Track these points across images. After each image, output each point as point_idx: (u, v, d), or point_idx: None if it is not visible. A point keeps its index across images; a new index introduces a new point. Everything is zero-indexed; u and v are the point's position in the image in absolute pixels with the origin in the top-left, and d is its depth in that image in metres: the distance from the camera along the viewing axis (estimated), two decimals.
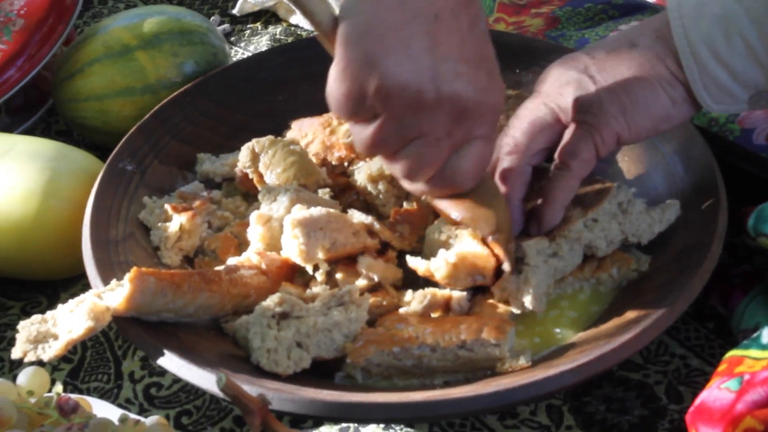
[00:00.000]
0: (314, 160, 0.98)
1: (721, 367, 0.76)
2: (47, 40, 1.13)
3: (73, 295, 0.84)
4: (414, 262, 0.85)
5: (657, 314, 0.78)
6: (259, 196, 0.94)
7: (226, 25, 1.36)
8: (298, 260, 0.86)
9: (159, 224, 0.93)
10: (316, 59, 1.11)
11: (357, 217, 0.89)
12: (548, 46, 1.07)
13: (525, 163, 0.86)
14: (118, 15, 1.18)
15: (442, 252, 0.84)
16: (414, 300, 0.84)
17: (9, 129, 1.17)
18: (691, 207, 0.88)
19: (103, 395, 0.89)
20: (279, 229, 0.89)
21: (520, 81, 1.03)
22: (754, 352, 0.76)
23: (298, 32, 1.33)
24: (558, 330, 0.85)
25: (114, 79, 1.11)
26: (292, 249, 0.85)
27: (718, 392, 0.73)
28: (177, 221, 0.92)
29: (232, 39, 1.35)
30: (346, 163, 0.98)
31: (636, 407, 0.84)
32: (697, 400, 0.74)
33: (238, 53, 1.32)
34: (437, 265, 0.84)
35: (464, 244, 0.84)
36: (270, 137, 0.97)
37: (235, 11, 1.37)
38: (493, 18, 1.20)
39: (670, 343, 0.88)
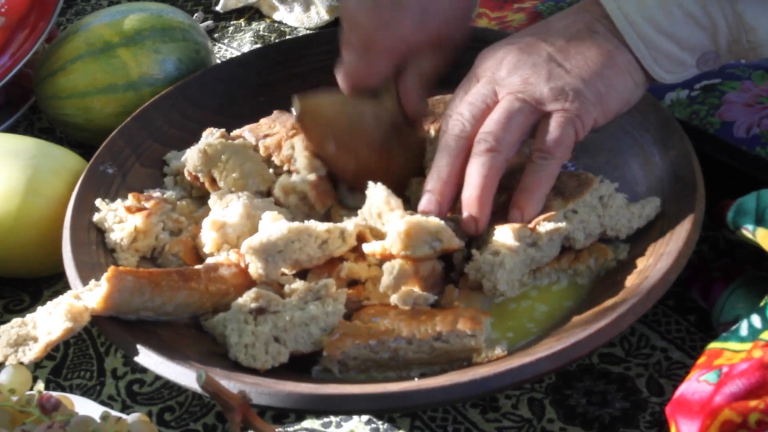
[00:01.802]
0: (262, 153, 0.98)
1: (701, 360, 0.76)
2: (29, 38, 1.14)
3: (56, 293, 0.85)
4: (369, 247, 0.85)
5: (632, 300, 0.78)
6: (210, 202, 0.94)
7: (210, 22, 1.36)
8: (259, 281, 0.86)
9: (114, 226, 0.93)
10: (297, 61, 1.12)
11: (320, 226, 0.87)
12: None
13: (505, 159, 0.86)
14: (100, 12, 1.17)
15: (391, 226, 0.84)
16: (384, 274, 0.84)
17: None
18: (668, 195, 0.89)
19: (85, 392, 0.89)
20: (233, 236, 0.89)
21: None
22: (733, 345, 0.76)
23: (282, 28, 1.34)
24: (531, 325, 0.85)
25: (96, 77, 1.11)
26: (252, 271, 0.85)
27: (697, 384, 0.73)
28: (132, 222, 0.91)
29: (216, 35, 1.35)
30: (285, 166, 0.98)
31: (617, 400, 0.84)
32: (677, 393, 0.74)
33: (222, 50, 1.32)
34: (391, 241, 0.83)
35: (396, 212, 0.85)
36: (221, 141, 0.97)
37: (218, 8, 1.37)
38: (475, 13, 1.20)
39: (652, 336, 0.88)
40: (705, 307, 0.88)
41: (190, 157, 0.97)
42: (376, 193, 0.88)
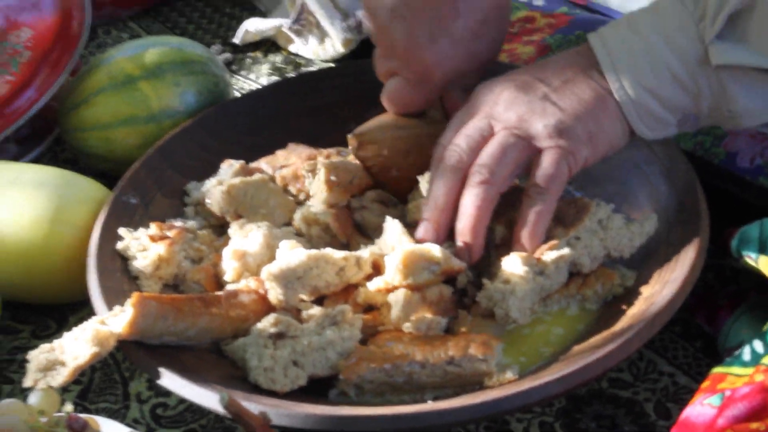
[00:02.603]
0: (279, 183, 1.02)
1: (705, 384, 0.79)
2: (53, 71, 1.16)
3: (81, 319, 0.87)
4: (373, 284, 0.88)
5: (638, 326, 0.81)
6: (230, 232, 0.97)
7: (228, 54, 1.40)
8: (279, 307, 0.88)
9: (137, 254, 0.96)
10: (313, 94, 1.16)
11: (337, 254, 0.90)
12: None
13: (498, 191, 0.89)
14: (122, 45, 1.21)
15: (387, 260, 0.87)
16: (392, 306, 0.87)
17: (17, 158, 1.21)
18: (674, 224, 0.91)
19: (111, 415, 0.92)
20: (253, 264, 0.92)
21: None
22: (736, 369, 0.79)
23: (297, 60, 1.37)
24: (545, 349, 0.87)
25: (118, 109, 1.14)
26: (272, 297, 0.88)
27: (701, 408, 0.75)
28: (155, 250, 0.94)
29: (234, 67, 1.38)
30: (301, 196, 1.01)
31: (626, 424, 0.86)
32: (682, 416, 0.76)
33: (240, 81, 1.36)
34: (390, 274, 0.87)
35: (402, 247, 0.88)
36: (242, 179, 1.00)
37: (236, 41, 1.41)
38: None
39: (659, 361, 0.91)
40: (711, 334, 0.91)
41: (213, 197, 1.00)
42: (391, 227, 0.91)
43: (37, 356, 0.82)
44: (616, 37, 0.90)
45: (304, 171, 1.02)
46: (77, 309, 1.02)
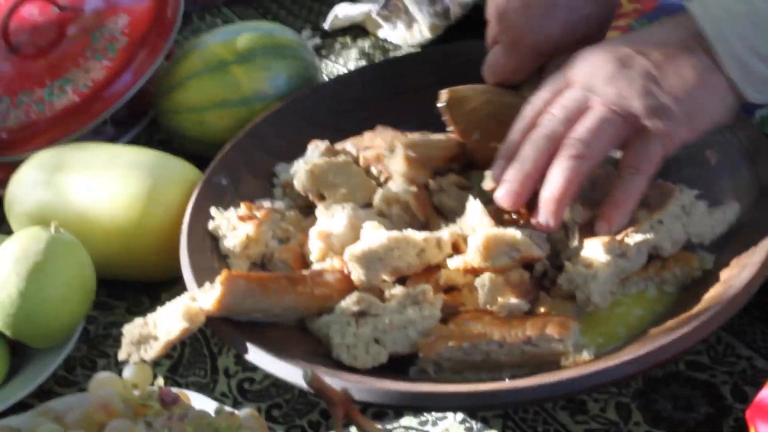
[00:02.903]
0: (362, 164, 1.04)
1: None
2: (149, 56, 1.20)
3: (172, 296, 0.91)
4: (453, 263, 0.90)
5: (715, 309, 0.81)
6: (317, 213, 1.00)
7: (318, 39, 1.43)
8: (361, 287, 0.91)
9: (227, 233, 0.99)
10: (399, 79, 1.18)
11: (418, 235, 0.92)
12: None
13: (590, 168, 0.89)
14: (215, 31, 1.25)
15: (470, 240, 0.89)
16: (478, 290, 0.88)
17: (114, 139, 1.25)
18: (754, 208, 0.92)
19: (200, 389, 0.96)
20: (338, 245, 0.95)
21: None
22: None
23: (385, 46, 1.39)
24: (622, 330, 0.88)
25: (211, 92, 1.18)
26: (354, 278, 0.91)
27: None
28: (244, 230, 0.97)
29: (323, 52, 1.41)
30: (382, 177, 1.03)
31: (702, 405, 0.87)
32: (757, 398, 0.77)
33: (329, 66, 1.38)
34: (471, 254, 0.89)
35: (484, 229, 0.90)
36: (326, 160, 1.03)
37: (326, 26, 1.44)
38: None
39: (737, 345, 0.92)
40: None
41: (298, 177, 1.03)
42: (472, 208, 0.93)
43: (131, 330, 0.86)
44: (716, 3, 0.87)
45: (385, 151, 1.04)
46: (170, 286, 1.06)
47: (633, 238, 0.89)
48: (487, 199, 0.98)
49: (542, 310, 0.89)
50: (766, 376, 0.88)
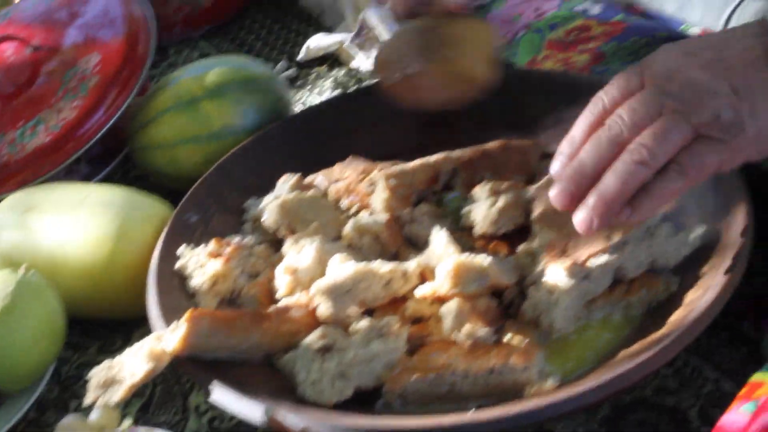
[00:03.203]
0: (332, 196, 1.05)
1: (743, 391, 0.79)
2: (121, 94, 1.21)
3: (145, 334, 0.91)
4: (421, 290, 0.91)
5: (678, 332, 0.82)
6: (284, 248, 1.00)
7: (293, 70, 1.43)
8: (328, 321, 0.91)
9: (195, 271, 0.99)
10: (371, 108, 1.18)
11: (384, 267, 0.92)
12: (592, 81, 1.11)
13: (650, 175, 0.83)
14: (188, 66, 1.26)
15: (438, 268, 0.90)
16: (444, 317, 0.89)
17: (88, 177, 1.26)
18: (719, 229, 0.92)
19: (171, 428, 0.96)
20: (305, 279, 0.95)
21: (562, 117, 1.07)
22: None
23: (359, 75, 1.40)
24: (591, 354, 0.88)
25: (183, 128, 1.18)
26: (321, 312, 0.91)
27: (735, 415, 0.76)
28: (212, 267, 0.98)
29: (299, 83, 1.42)
30: (352, 209, 1.04)
31: (669, 430, 0.87)
32: (718, 423, 0.77)
33: (304, 96, 1.39)
34: (440, 281, 0.89)
35: (452, 256, 0.91)
36: (296, 194, 1.04)
37: (299, 58, 1.44)
38: (542, 55, 1.25)
39: (704, 367, 0.92)
40: (757, 340, 0.91)
41: (268, 212, 1.03)
42: (438, 238, 0.93)
43: (97, 374, 0.86)
44: None
45: (365, 186, 1.04)
46: (142, 325, 1.05)
47: (596, 260, 0.89)
48: (460, 225, 0.99)
49: (508, 337, 0.89)
50: (733, 399, 0.88)
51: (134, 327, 1.07)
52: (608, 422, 0.89)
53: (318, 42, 1.43)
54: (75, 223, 1.04)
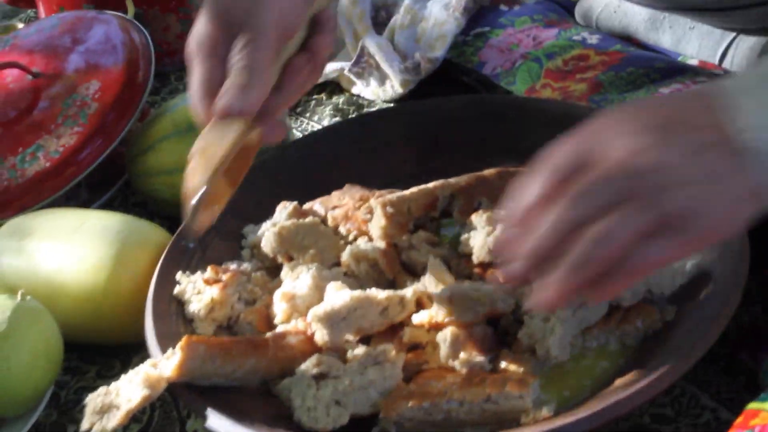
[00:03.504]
0: (330, 223, 1.05)
1: (739, 420, 0.79)
2: (120, 121, 1.22)
3: (144, 359, 0.91)
4: (417, 318, 0.91)
5: (672, 362, 0.82)
6: (282, 275, 1.00)
7: None
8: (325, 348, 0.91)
9: (192, 297, 0.99)
10: (369, 135, 1.19)
11: (381, 294, 0.92)
12: (589, 111, 1.12)
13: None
14: (186, 94, 1.25)
15: (435, 296, 0.90)
16: (440, 345, 0.89)
17: (88, 203, 1.26)
18: (715, 258, 0.92)
19: None
20: (302, 306, 0.95)
21: None
22: None
23: (360, 101, 1.40)
24: (588, 382, 0.89)
25: (182, 155, 1.16)
26: (318, 339, 0.91)
27: None
28: (209, 293, 0.98)
29: (299, 109, 1.42)
30: (351, 236, 1.04)
31: None
32: None
33: (304, 123, 1.39)
34: (436, 308, 0.90)
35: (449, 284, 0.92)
36: (293, 221, 1.04)
37: None
38: (540, 84, 1.25)
39: (702, 396, 0.92)
40: (753, 369, 0.91)
41: (266, 239, 1.03)
42: (434, 266, 0.94)
43: (94, 399, 0.86)
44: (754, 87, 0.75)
45: (362, 213, 1.05)
46: (141, 350, 1.05)
47: None
48: (458, 252, 0.99)
49: (504, 365, 0.89)
50: (729, 428, 0.88)
51: (133, 352, 1.07)
52: None
53: None
54: (73, 249, 1.04)
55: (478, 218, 1.00)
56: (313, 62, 0.97)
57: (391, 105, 1.37)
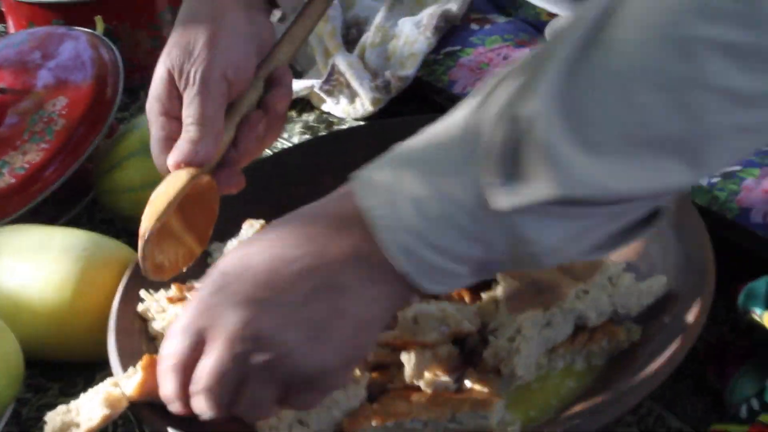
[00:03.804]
0: None
1: None
2: (87, 137, 1.21)
3: (107, 376, 0.90)
4: (382, 336, 0.89)
5: (639, 380, 0.81)
6: None
7: None
8: None
9: (156, 315, 0.98)
10: (339, 153, 1.18)
11: None
12: None
13: None
14: None
15: (400, 315, 0.89)
16: (405, 364, 0.88)
17: (54, 219, 1.25)
18: (682, 278, 0.92)
19: None
20: None
21: None
22: (733, 427, 0.79)
23: (330, 119, 1.40)
24: (554, 402, 0.88)
25: (149, 172, 1.16)
26: None
27: None
28: (173, 311, 0.97)
29: None
30: None
31: None
32: None
33: None
34: (401, 329, 0.89)
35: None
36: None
37: None
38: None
39: (668, 417, 0.91)
40: (720, 389, 0.91)
41: None
42: None
43: (53, 418, 0.85)
44: (381, 192, 0.75)
45: None
46: (105, 367, 1.04)
47: (558, 307, 0.89)
48: None
49: (469, 385, 0.88)
50: None
51: (97, 369, 1.05)
52: None
53: None
54: (37, 266, 1.03)
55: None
56: (269, 117, 0.99)
57: (362, 123, 1.36)
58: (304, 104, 1.44)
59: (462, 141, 0.72)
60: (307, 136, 1.38)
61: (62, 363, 1.07)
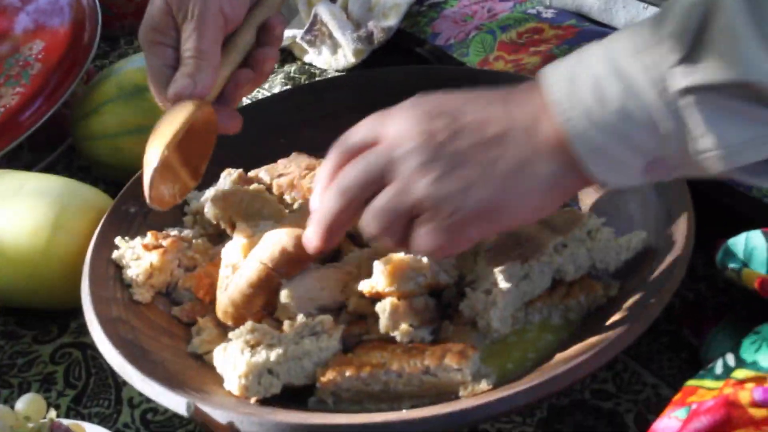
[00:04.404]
0: (275, 191, 1.03)
1: (677, 397, 0.79)
2: (63, 82, 1.19)
3: (82, 325, 0.90)
4: (361, 285, 0.89)
5: (613, 337, 0.81)
6: (223, 252, 0.98)
7: None
8: None
9: (131, 262, 0.98)
10: (319, 103, 1.17)
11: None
12: None
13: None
14: (133, 57, 1.23)
15: (375, 265, 0.88)
16: (379, 315, 0.87)
17: (31, 166, 1.24)
18: (660, 234, 0.91)
19: (103, 420, 0.94)
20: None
21: None
22: (707, 383, 0.79)
23: (312, 70, 1.38)
24: (531, 356, 0.88)
25: (126, 119, 1.16)
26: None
27: (668, 420, 0.75)
28: (148, 259, 0.96)
29: None
30: (296, 204, 1.02)
31: None
32: (650, 428, 0.76)
33: (255, 91, 1.37)
34: (376, 278, 0.88)
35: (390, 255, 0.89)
36: (238, 188, 1.03)
37: None
38: (493, 56, 1.24)
39: (643, 373, 0.91)
40: (696, 345, 0.91)
41: (209, 205, 1.01)
42: None
43: None
44: (562, 71, 0.76)
45: (308, 182, 1.03)
46: (79, 315, 1.03)
47: (536, 259, 0.88)
48: None
49: (445, 337, 0.88)
50: (668, 404, 0.87)
51: (71, 317, 1.05)
52: (545, 424, 0.88)
53: None
54: (12, 212, 1.02)
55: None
56: (257, 75, 1.01)
57: (342, 74, 1.35)
58: (286, 55, 1.43)
59: (650, 26, 0.73)
60: (288, 87, 1.36)
61: (36, 311, 1.06)
